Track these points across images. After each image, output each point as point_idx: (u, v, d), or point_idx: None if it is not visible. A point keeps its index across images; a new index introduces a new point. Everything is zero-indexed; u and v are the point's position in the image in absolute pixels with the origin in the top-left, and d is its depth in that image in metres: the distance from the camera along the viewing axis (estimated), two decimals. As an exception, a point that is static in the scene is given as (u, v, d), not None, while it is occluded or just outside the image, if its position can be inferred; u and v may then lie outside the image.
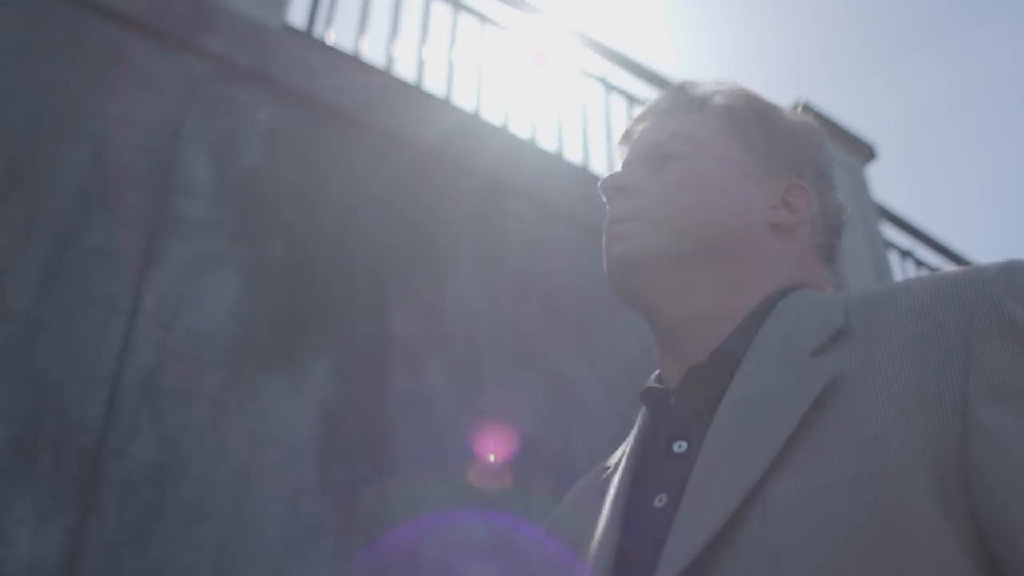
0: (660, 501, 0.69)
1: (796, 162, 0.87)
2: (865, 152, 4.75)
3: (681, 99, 0.91)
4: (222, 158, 2.91)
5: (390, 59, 3.66)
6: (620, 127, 4.13)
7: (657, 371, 0.85)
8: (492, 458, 2.78)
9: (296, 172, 3.03)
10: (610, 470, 0.85)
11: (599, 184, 0.87)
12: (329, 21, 3.65)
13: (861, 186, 4.62)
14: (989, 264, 0.67)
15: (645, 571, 0.65)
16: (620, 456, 0.84)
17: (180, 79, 3.01)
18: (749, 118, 0.88)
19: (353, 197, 3.07)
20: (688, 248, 0.80)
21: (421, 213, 3.19)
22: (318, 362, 2.70)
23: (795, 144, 0.88)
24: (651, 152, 0.87)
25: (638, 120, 0.94)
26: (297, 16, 3.54)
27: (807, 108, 3.49)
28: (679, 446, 0.72)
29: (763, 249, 0.82)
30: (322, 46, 3.48)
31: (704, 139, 0.86)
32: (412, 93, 3.58)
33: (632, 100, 4.47)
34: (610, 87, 4.38)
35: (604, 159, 4.18)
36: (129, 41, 2.99)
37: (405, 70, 3.73)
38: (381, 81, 3.46)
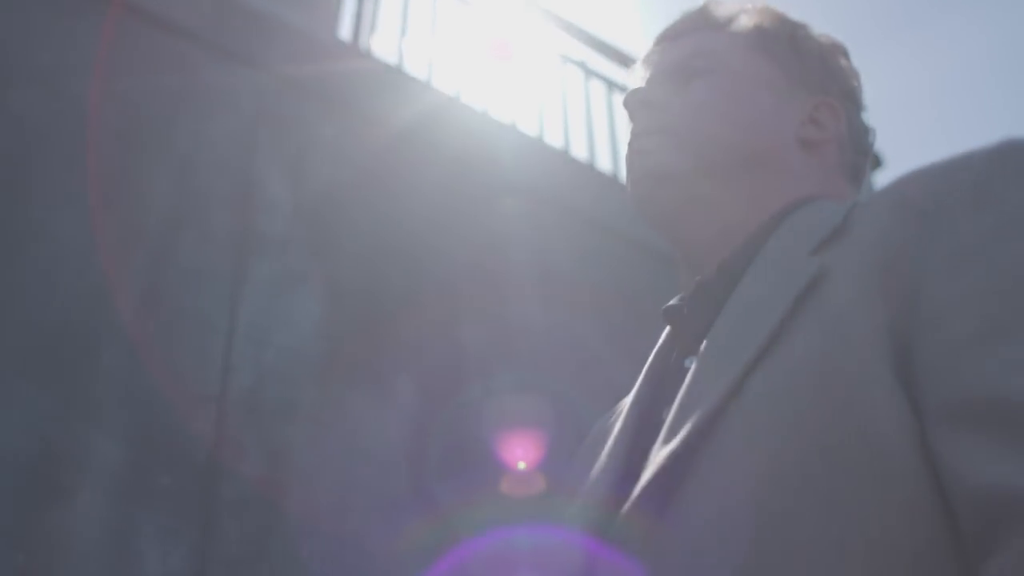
0: (666, 413, 0.69)
1: (824, 80, 0.86)
2: (872, 162, 4.96)
3: (704, 19, 0.89)
4: (295, 175, 2.97)
5: (429, 73, 3.72)
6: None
7: (681, 292, 0.84)
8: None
9: (362, 188, 3.10)
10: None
11: (623, 99, 0.85)
12: (373, 32, 3.70)
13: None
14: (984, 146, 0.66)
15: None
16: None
17: (248, 95, 3.05)
18: (777, 35, 0.86)
19: (418, 212, 3.15)
20: (715, 162, 0.79)
21: (480, 228, 3.28)
22: (399, 376, 2.79)
23: (823, 62, 0.87)
24: (676, 69, 0.85)
25: (658, 42, 0.91)
26: (345, 29, 3.58)
27: None
28: (689, 361, 0.72)
29: (790, 165, 0.81)
30: (375, 60, 3.53)
31: (731, 55, 0.84)
32: (481, 118, 3.64)
33: (613, 86, 4.32)
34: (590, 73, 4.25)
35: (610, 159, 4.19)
36: (198, 57, 3.02)
37: (443, 84, 3.79)
38: (438, 101, 3.53)
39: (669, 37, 0.90)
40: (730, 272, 0.74)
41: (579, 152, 3.95)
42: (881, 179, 5.14)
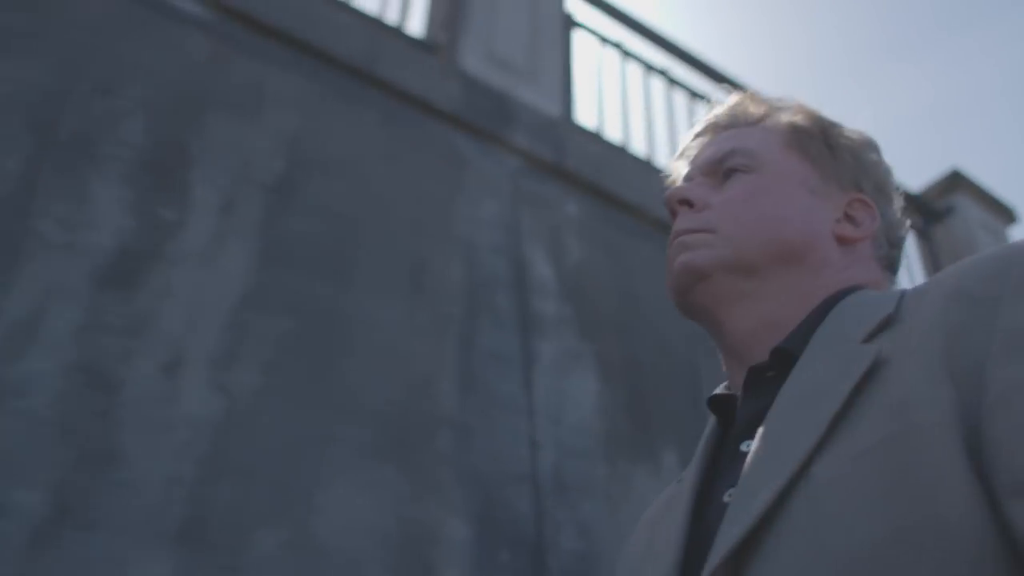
0: (729, 496, 0.70)
1: (857, 177, 0.88)
2: (1007, 216, 5.17)
3: (740, 114, 0.92)
4: (554, 255, 3.15)
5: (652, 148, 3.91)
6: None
7: (725, 382, 0.86)
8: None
9: (609, 266, 3.28)
10: (682, 482, 0.85)
11: (664, 197, 0.89)
12: (599, 112, 3.88)
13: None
14: None
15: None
16: (689, 467, 0.86)
17: (502, 175, 3.24)
18: (811, 133, 0.89)
19: (658, 288, 3.34)
20: (755, 260, 0.81)
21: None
22: (667, 450, 2.97)
23: (856, 159, 0.89)
24: (715, 167, 0.88)
25: (697, 135, 0.95)
26: (561, 105, 3.76)
27: (959, 175, 3.83)
28: (746, 445, 0.74)
29: (828, 259, 0.83)
30: (598, 138, 3.71)
31: (768, 153, 0.87)
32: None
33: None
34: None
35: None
36: (458, 140, 3.21)
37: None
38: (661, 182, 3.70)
39: (708, 131, 0.94)
40: (782, 359, 0.76)
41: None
42: (1017, 232, 5.33)
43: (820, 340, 0.73)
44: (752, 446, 0.69)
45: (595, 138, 3.69)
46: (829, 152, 0.88)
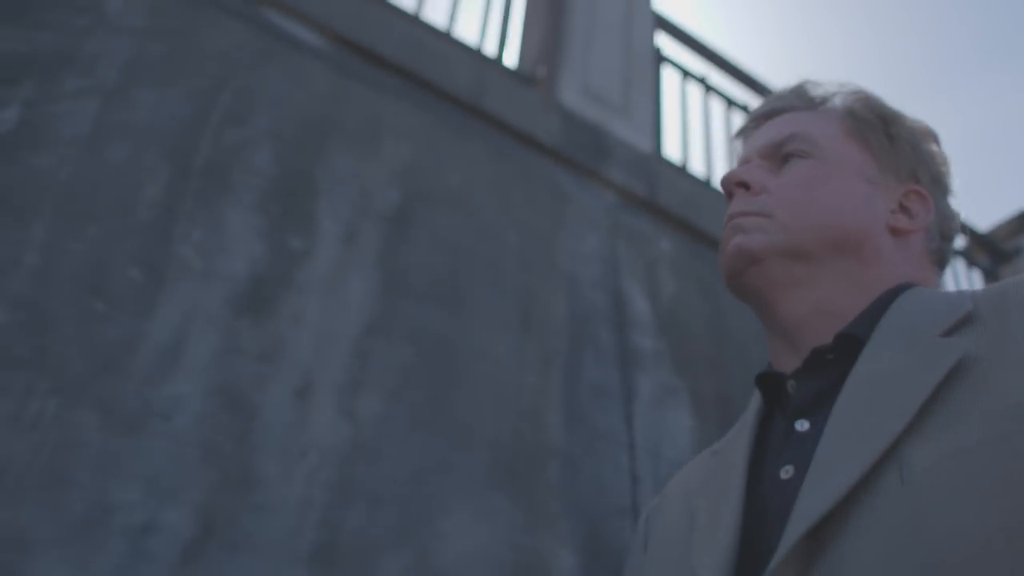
0: (786, 473, 0.70)
1: (915, 167, 0.88)
2: None
3: (800, 98, 0.92)
4: (649, 290, 3.21)
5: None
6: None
7: (769, 362, 0.85)
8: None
9: (700, 301, 3.33)
10: (718, 454, 0.85)
11: (721, 180, 0.88)
12: (686, 146, 3.94)
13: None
14: None
15: (773, 537, 0.66)
16: (727, 442, 0.85)
17: (600, 209, 3.30)
18: (871, 121, 0.88)
19: (748, 325, 3.39)
20: (807, 246, 0.81)
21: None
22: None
23: (914, 149, 0.89)
24: (773, 151, 0.88)
25: (756, 118, 0.94)
26: (652, 139, 3.80)
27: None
28: (801, 425, 0.73)
29: (881, 251, 0.83)
30: (686, 173, 3.77)
31: (826, 140, 0.87)
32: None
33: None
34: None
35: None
36: (559, 174, 3.28)
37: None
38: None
39: (766, 115, 0.93)
40: (845, 344, 0.75)
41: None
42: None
43: (888, 330, 0.73)
44: (828, 427, 0.68)
45: (684, 173, 3.75)
46: (888, 142, 0.88)
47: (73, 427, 1.99)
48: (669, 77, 4.24)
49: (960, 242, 3.43)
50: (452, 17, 3.46)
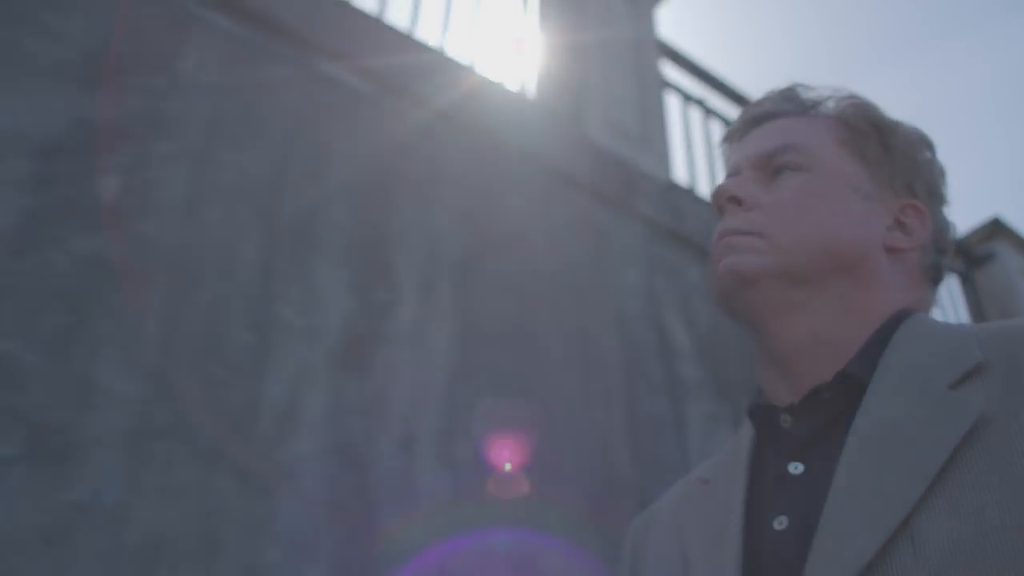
0: (780, 524, 0.69)
1: (911, 179, 0.84)
2: None
3: (791, 102, 0.89)
4: (687, 320, 3.41)
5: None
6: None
7: (759, 389, 0.83)
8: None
9: (733, 328, 3.54)
10: (709, 484, 0.82)
11: (712, 193, 0.84)
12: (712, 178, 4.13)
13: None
14: None
15: None
16: (717, 470, 0.83)
17: (636, 243, 3.48)
18: (865, 130, 0.85)
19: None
20: (804, 267, 0.78)
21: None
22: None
23: (910, 160, 0.85)
24: (764, 161, 0.84)
25: (745, 122, 0.90)
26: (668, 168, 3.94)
27: (999, 223, 4.11)
28: (795, 467, 0.72)
29: (877, 271, 0.80)
30: (705, 201, 3.96)
31: (820, 151, 0.83)
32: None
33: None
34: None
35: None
36: (598, 210, 3.44)
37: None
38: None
39: (755, 119, 0.90)
40: (846, 386, 0.73)
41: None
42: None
43: (895, 373, 0.71)
44: (835, 483, 0.66)
45: (700, 200, 3.94)
46: (884, 152, 0.85)
47: (217, 493, 2.09)
48: (671, 103, 4.42)
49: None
50: (472, 57, 3.58)
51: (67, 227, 2.24)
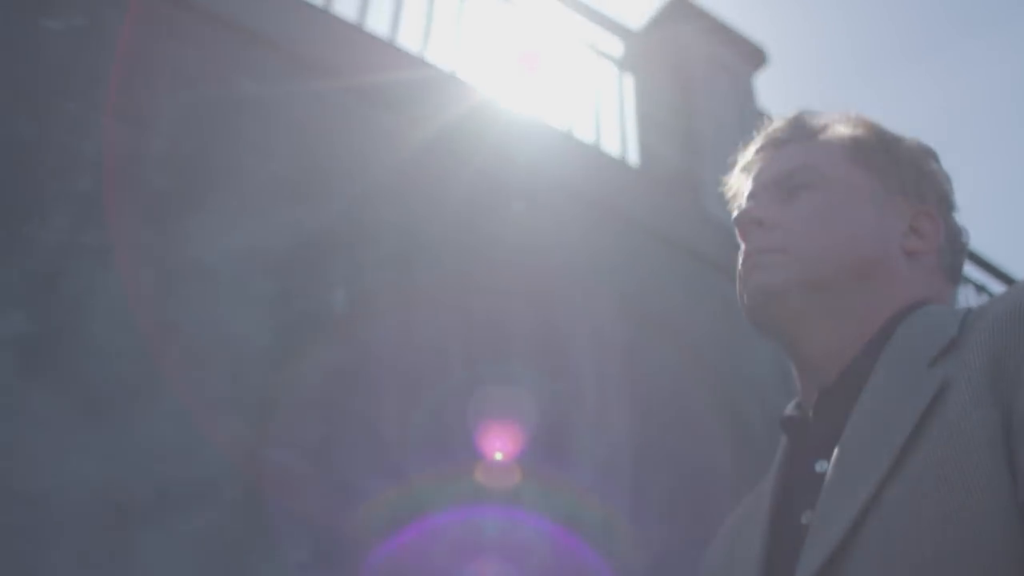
0: (806, 518, 0.74)
1: (921, 187, 0.89)
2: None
3: (800, 129, 0.93)
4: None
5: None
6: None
7: (796, 399, 0.89)
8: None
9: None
10: (757, 494, 0.90)
11: (734, 218, 0.90)
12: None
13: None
14: None
15: None
16: (764, 481, 0.89)
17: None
18: (873, 146, 0.90)
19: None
20: (827, 277, 0.82)
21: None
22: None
23: (918, 169, 0.90)
24: (779, 183, 0.89)
25: (758, 151, 0.95)
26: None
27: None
28: (820, 466, 0.76)
29: (897, 274, 0.84)
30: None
31: (833, 169, 0.88)
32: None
33: None
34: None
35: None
36: (722, 283, 3.66)
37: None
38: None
39: (769, 146, 0.94)
40: (851, 380, 0.79)
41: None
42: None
43: (888, 362, 0.76)
44: (828, 470, 0.73)
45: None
46: (893, 164, 0.89)
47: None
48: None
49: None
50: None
51: (311, 339, 2.45)
